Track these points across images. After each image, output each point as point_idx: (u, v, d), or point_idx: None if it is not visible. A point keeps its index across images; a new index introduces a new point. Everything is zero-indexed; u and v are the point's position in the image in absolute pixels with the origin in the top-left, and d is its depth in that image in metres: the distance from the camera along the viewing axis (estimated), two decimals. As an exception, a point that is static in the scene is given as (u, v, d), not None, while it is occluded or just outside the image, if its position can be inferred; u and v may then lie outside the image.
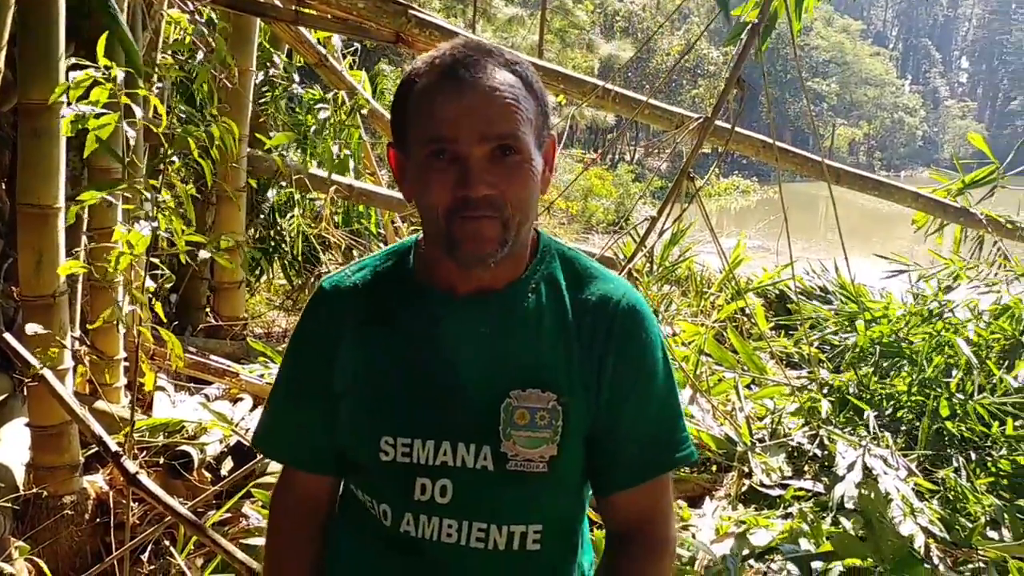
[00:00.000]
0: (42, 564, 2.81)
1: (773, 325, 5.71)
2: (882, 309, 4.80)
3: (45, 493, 2.98)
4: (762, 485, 3.46)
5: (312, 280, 5.69)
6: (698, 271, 6.87)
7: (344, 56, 5.78)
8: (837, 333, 4.93)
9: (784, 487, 3.44)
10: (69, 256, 3.03)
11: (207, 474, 3.39)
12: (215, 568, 2.74)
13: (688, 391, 4.17)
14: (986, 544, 3.02)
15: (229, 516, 3.09)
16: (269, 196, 5.45)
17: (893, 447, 3.56)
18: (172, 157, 2.76)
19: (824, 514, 3.13)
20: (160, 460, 3.28)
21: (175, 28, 4.00)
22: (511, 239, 1.19)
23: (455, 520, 1.25)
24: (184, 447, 3.31)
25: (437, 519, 1.25)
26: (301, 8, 3.80)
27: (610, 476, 1.31)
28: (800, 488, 3.42)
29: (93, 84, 2.38)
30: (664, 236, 5.93)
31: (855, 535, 2.78)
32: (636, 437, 1.29)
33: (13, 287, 3.32)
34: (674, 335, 5.16)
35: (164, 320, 3.07)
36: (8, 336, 2.96)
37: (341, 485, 1.43)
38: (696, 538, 2.98)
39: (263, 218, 5.51)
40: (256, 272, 5.72)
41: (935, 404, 3.80)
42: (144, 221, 2.55)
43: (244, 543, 2.74)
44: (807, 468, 3.62)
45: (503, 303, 1.26)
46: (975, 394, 3.79)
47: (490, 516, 1.25)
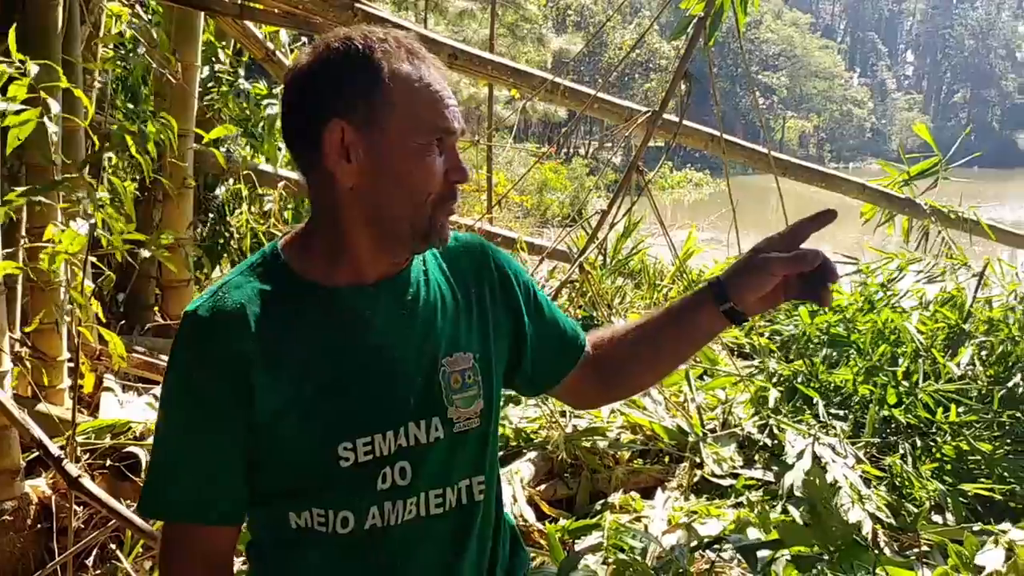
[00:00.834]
0: (-17, 572, 2.75)
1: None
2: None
3: (-15, 499, 2.91)
4: (713, 475, 3.50)
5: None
6: (651, 263, 6.90)
7: (292, 51, 5.72)
8: (788, 323, 5.00)
9: (735, 477, 3.49)
10: (7, 256, 2.95)
11: (155, 476, 3.33)
12: (163, 571, 2.70)
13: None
14: (931, 529, 3.08)
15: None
16: (217, 193, 5.37)
17: (841, 435, 3.62)
18: (109, 154, 2.69)
19: (774, 503, 3.18)
20: (106, 462, 3.22)
21: (116, 22, 3.92)
22: None
23: (415, 496, 1.28)
24: (131, 448, 3.25)
25: (401, 502, 1.27)
26: (246, 2, 3.75)
27: (553, 369, 1.49)
28: (751, 477, 3.46)
29: (10, 80, 2.31)
30: (617, 229, 5.96)
31: (802, 523, 2.82)
32: (557, 331, 1.48)
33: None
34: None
35: (104, 320, 3.01)
36: (-56, 339, 2.88)
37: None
38: (648, 529, 3.01)
39: (211, 215, 5.43)
40: (205, 270, 5.63)
41: (882, 392, 3.87)
42: (81, 219, 2.50)
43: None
44: (757, 457, 3.67)
45: (406, 282, 1.29)
46: (920, 382, 3.87)
47: (444, 481, 1.31)
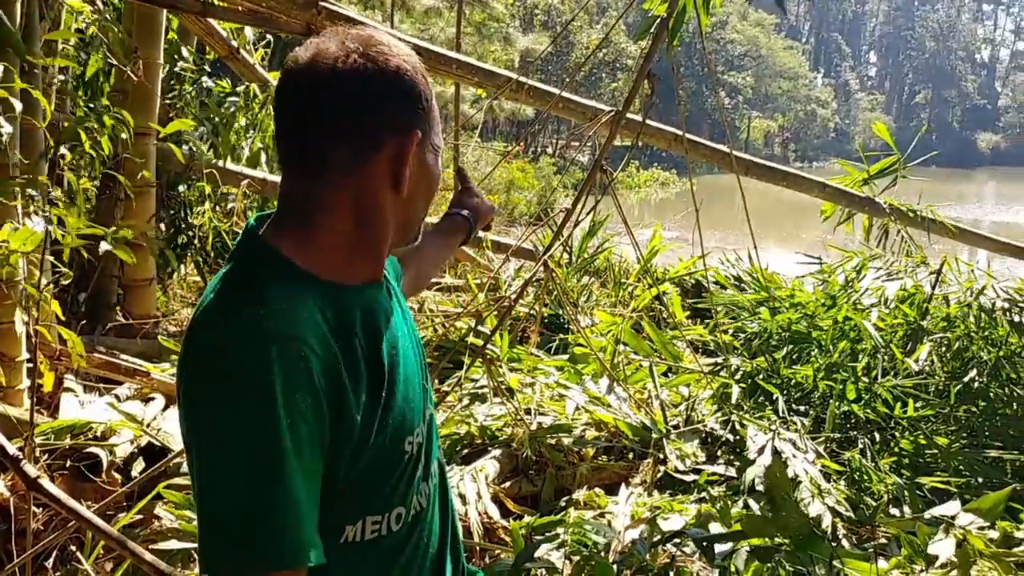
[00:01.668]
0: (-60, 575, 2.71)
1: (689, 313, 5.82)
2: (788, 297, 4.93)
3: (-58, 501, 2.87)
4: (676, 471, 3.53)
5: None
6: (616, 262, 6.95)
7: (257, 49, 5.68)
8: (751, 320, 5.05)
9: (698, 472, 3.52)
10: (-36, 255, 2.91)
11: (117, 476, 3.30)
12: (124, 572, 2.68)
13: (605, 380, 4.23)
14: (888, 521, 3.14)
15: (141, 518, 3.02)
16: (180, 191, 5.33)
17: (802, 430, 3.67)
18: (63, 151, 2.67)
19: (736, 497, 3.21)
20: (66, 463, 3.19)
21: (76, 18, 3.87)
22: None
23: (429, 472, 1.37)
24: (92, 449, 3.22)
25: (424, 483, 1.35)
26: (209, 0, 3.72)
27: None
28: (713, 473, 3.50)
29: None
30: (583, 227, 5.99)
31: (763, 516, 2.85)
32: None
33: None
34: (593, 325, 5.22)
35: (64, 319, 2.98)
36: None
37: None
38: (611, 525, 3.03)
39: (174, 213, 5.39)
40: (168, 269, 5.59)
41: (842, 388, 3.93)
42: (37, 217, 2.47)
43: (156, 547, 2.69)
44: (720, 453, 3.71)
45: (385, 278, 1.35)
46: (879, 377, 3.93)
47: (434, 452, 1.41)
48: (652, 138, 4.30)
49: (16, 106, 2.42)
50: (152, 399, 3.91)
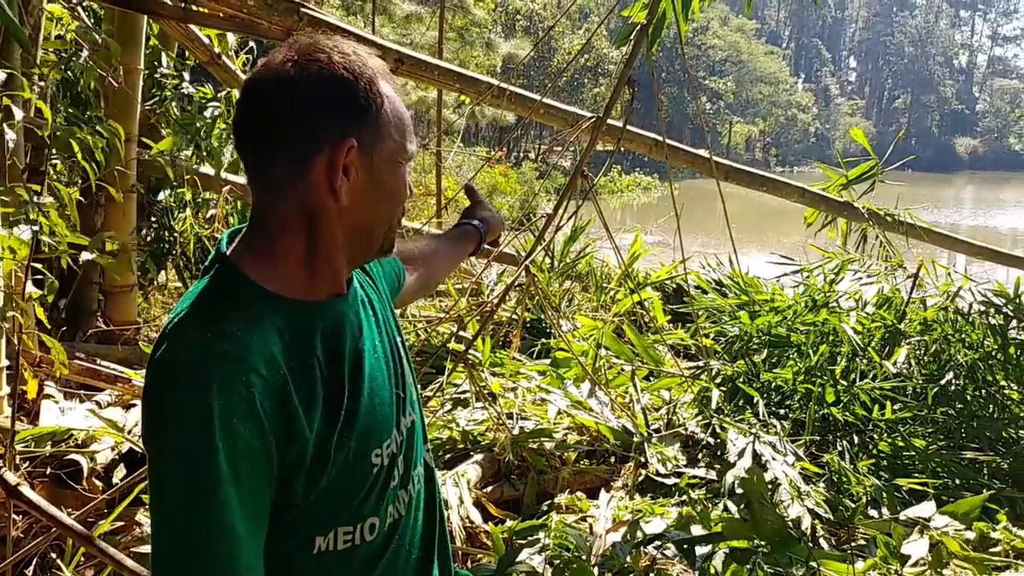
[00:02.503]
0: (-81, 584, 2.70)
1: (670, 318, 5.85)
2: (768, 300, 4.97)
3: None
4: (658, 474, 3.55)
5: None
6: (598, 266, 6.98)
7: (238, 55, 5.68)
8: (731, 324, 5.09)
9: (679, 476, 3.54)
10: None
11: (98, 483, 3.29)
12: (106, 579, 2.67)
13: (587, 384, 4.25)
14: (866, 523, 3.17)
15: (122, 524, 3.01)
16: (161, 197, 5.32)
17: (782, 433, 3.70)
18: (53, 160, 2.67)
19: (717, 500, 3.24)
20: (47, 470, 3.18)
21: (57, 24, 3.87)
22: None
23: (410, 480, 1.37)
24: (72, 456, 3.21)
25: (403, 491, 1.34)
26: (190, 5, 3.72)
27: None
28: (694, 476, 3.52)
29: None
30: (565, 232, 6.02)
31: (740, 518, 2.88)
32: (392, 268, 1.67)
33: None
34: (574, 330, 5.24)
35: (48, 326, 2.97)
36: None
37: None
38: (593, 528, 3.05)
39: (155, 220, 5.37)
40: (149, 275, 5.57)
41: (821, 391, 3.97)
42: (25, 224, 2.47)
43: (137, 552, 2.68)
44: (701, 456, 3.73)
45: (356, 286, 1.34)
46: (857, 380, 3.97)
47: (418, 458, 1.41)
48: (633, 143, 4.33)
49: (17, 114, 2.42)
50: (133, 405, 3.89)
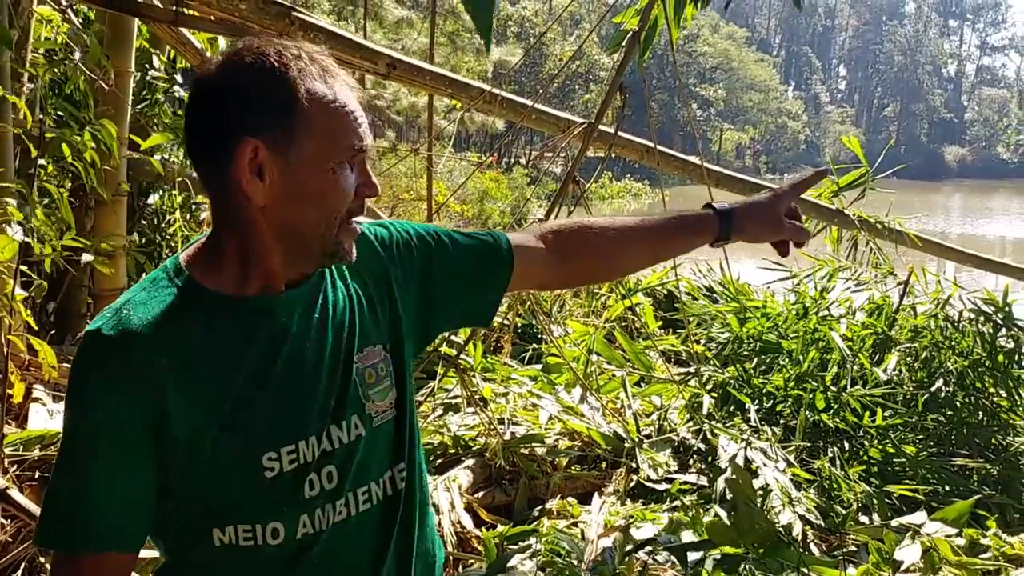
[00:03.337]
0: (-96, 589, 2.67)
1: (661, 324, 5.85)
2: (760, 307, 4.98)
3: (-93, 513, 2.82)
4: (649, 480, 3.55)
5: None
6: (589, 272, 6.97)
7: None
8: (722, 330, 5.09)
9: (670, 481, 3.54)
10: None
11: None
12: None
13: (579, 390, 4.25)
14: (857, 529, 3.18)
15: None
16: (151, 200, 5.29)
17: (772, 440, 3.71)
18: (43, 162, 2.65)
19: (708, 506, 3.24)
20: (35, 474, 3.15)
21: (47, 26, 3.84)
22: None
23: (343, 497, 1.28)
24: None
25: (330, 505, 1.27)
26: (181, 9, 3.70)
27: (491, 287, 1.49)
28: (685, 482, 3.52)
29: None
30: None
31: (728, 523, 2.88)
32: (474, 259, 1.46)
33: None
34: (566, 335, 5.24)
35: (35, 328, 2.95)
36: None
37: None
38: (584, 534, 3.04)
39: (145, 223, 5.35)
40: (139, 278, 5.54)
41: (811, 397, 3.97)
42: (16, 226, 2.45)
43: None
44: (692, 462, 3.74)
45: (315, 286, 1.30)
46: (848, 387, 3.98)
47: (368, 476, 1.32)
48: (624, 150, 4.33)
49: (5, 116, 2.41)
50: (122, 410, 3.87)
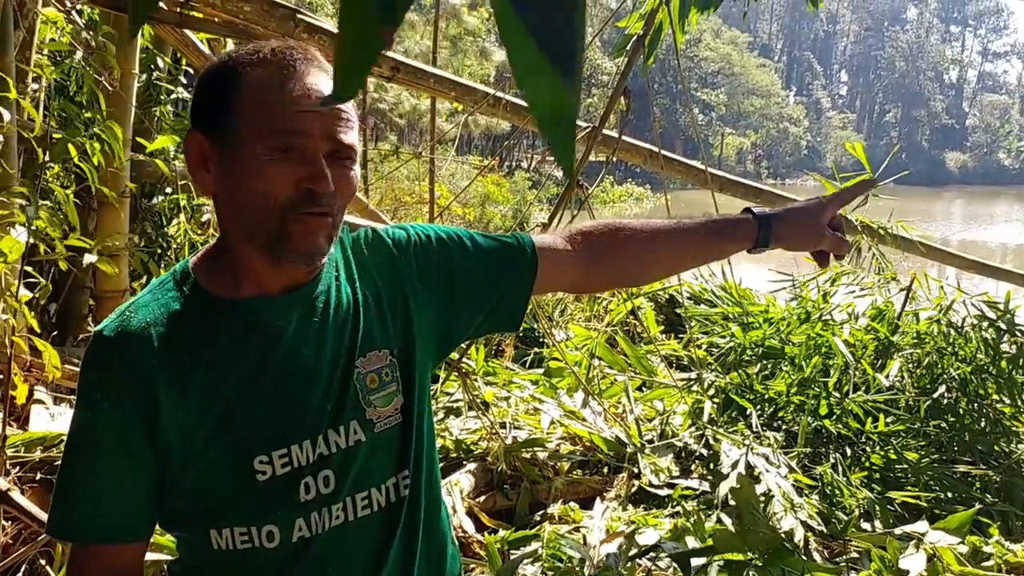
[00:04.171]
0: (-95, 590, 2.67)
1: (663, 328, 5.85)
2: (762, 312, 4.98)
3: (-93, 515, 2.82)
4: (651, 485, 3.54)
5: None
6: (591, 276, 6.97)
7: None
8: (724, 336, 5.09)
9: (672, 487, 3.54)
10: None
11: (88, 490, 3.26)
12: (95, 586, 2.64)
13: (580, 394, 4.24)
14: (860, 535, 3.17)
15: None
16: (154, 202, 5.29)
17: (775, 445, 3.70)
18: (49, 162, 2.65)
19: (710, 512, 3.23)
20: (36, 476, 3.15)
21: (52, 28, 3.85)
22: (335, 237, 1.25)
23: (341, 502, 1.27)
24: (62, 462, 3.18)
25: (326, 510, 1.26)
26: (185, 11, 3.71)
27: (516, 293, 1.45)
28: (687, 487, 3.52)
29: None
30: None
31: (731, 530, 2.88)
32: (498, 261, 1.43)
33: None
34: (567, 339, 5.24)
35: (38, 330, 2.95)
36: None
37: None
38: (586, 539, 3.04)
39: (148, 224, 5.35)
40: (142, 280, 5.54)
41: (814, 403, 3.97)
42: (21, 227, 2.46)
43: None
44: (694, 467, 3.73)
45: (317, 290, 1.29)
46: (850, 393, 3.97)
47: (368, 482, 1.30)
48: (627, 154, 4.34)
49: (4, 116, 2.41)
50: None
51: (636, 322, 5.62)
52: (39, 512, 2.46)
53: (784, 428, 3.98)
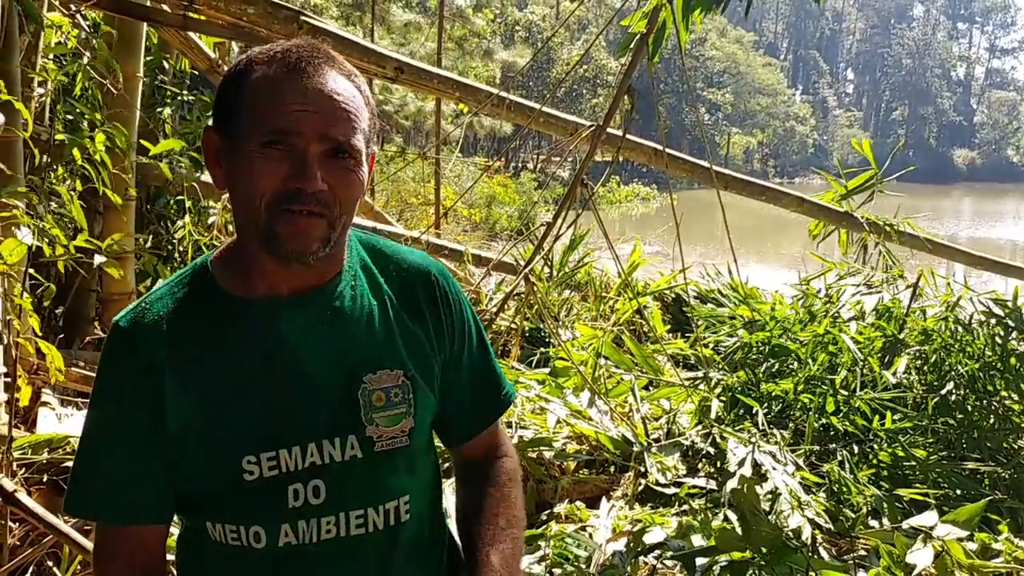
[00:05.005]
0: (-86, 592, 2.68)
1: (670, 327, 5.84)
2: (769, 311, 4.96)
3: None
4: (658, 484, 3.54)
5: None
6: (597, 276, 6.97)
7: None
8: (731, 334, 5.08)
9: (679, 485, 3.53)
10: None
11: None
12: (102, 587, 2.65)
13: (587, 394, 4.24)
14: (867, 533, 3.16)
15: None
16: (160, 205, 5.31)
17: (782, 443, 3.69)
18: (55, 165, 2.66)
19: (716, 510, 3.23)
20: (43, 478, 3.16)
21: (57, 32, 3.86)
22: (335, 239, 1.23)
23: (333, 515, 1.26)
24: (69, 463, 3.19)
25: (315, 520, 1.25)
26: (190, 13, 3.72)
27: (457, 428, 1.47)
28: (694, 486, 3.51)
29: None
30: (564, 241, 6.01)
31: (734, 529, 2.87)
32: (472, 386, 1.44)
33: None
34: (574, 339, 5.23)
35: (39, 333, 2.96)
36: None
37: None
38: (592, 538, 3.03)
39: (153, 227, 5.36)
40: (147, 282, 5.56)
41: (821, 401, 3.95)
42: (25, 229, 2.46)
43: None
44: (701, 466, 3.72)
45: (331, 296, 1.28)
46: (857, 390, 3.96)
47: (365, 501, 1.29)
48: (633, 153, 4.34)
49: (1, 119, 2.42)
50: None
51: (642, 321, 5.62)
52: (46, 514, 2.47)
53: (791, 426, 3.96)
